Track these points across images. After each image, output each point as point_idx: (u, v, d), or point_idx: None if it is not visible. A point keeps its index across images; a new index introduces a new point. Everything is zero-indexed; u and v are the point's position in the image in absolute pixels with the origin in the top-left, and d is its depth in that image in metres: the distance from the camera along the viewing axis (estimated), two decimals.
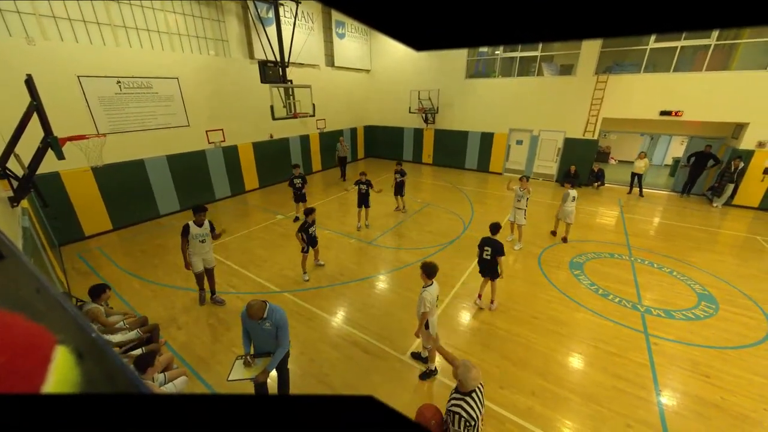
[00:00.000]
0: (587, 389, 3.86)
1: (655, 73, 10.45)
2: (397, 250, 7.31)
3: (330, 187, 12.32)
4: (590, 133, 11.83)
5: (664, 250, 7.24)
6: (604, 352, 4.41)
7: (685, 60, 10.19)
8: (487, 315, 5.17)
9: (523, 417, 3.53)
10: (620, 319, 5.01)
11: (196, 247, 4.95)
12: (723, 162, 10.39)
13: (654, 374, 4.05)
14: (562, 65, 12.58)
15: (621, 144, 17.46)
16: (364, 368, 4.17)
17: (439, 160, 15.64)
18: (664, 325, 4.89)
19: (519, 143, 13.53)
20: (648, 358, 4.29)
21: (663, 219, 9.31)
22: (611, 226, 8.74)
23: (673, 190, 11.92)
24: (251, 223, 8.86)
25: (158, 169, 8.95)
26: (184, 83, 9.00)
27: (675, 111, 10.28)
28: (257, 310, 3.10)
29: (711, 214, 9.69)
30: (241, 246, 7.49)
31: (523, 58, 12.72)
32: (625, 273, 6.33)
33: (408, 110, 14.76)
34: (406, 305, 5.33)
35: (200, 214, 4.84)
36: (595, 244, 7.55)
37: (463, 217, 9.19)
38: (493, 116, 13.51)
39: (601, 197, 11.23)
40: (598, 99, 11.26)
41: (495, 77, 13.35)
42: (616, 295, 5.60)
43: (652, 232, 8.35)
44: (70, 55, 6.95)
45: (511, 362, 4.24)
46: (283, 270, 6.45)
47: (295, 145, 13.10)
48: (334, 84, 14.17)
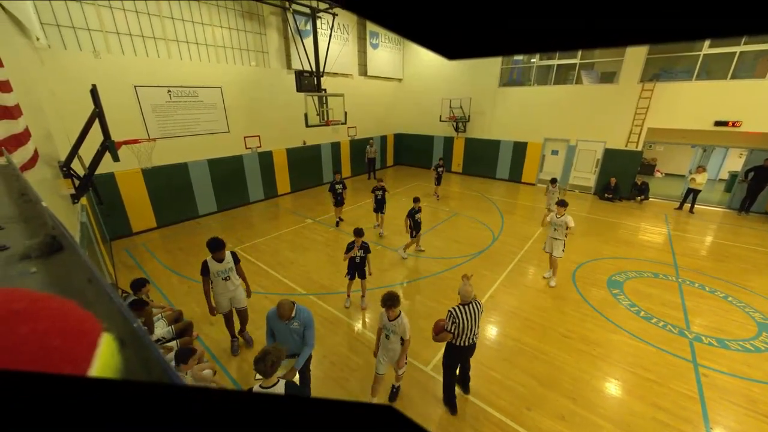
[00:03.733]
0: (623, 417, 3.57)
1: (709, 81, 9.70)
2: (424, 259, 7.23)
3: (358, 192, 12.48)
4: (633, 143, 11.15)
5: (718, 273, 6.60)
6: (643, 378, 4.07)
7: (744, 66, 9.38)
8: (515, 331, 4.95)
9: None
10: (664, 345, 4.61)
11: (220, 286, 4.16)
12: None
13: (704, 408, 3.67)
14: (603, 73, 12.01)
15: (669, 156, 16.26)
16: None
17: (468, 169, 15.39)
18: (716, 356, 4.44)
19: (554, 153, 13.01)
20: (697, 390, 3.90)
21: (717, 238, 8.52)
22: (657, 243, 8.12)
23: (729, 206, 10.89)
24: (281, 225, 9.15)
25: (199, 172, 9.53)
26: (226, 92, 9.57)
27: (732, 121, 9.46)
28: (287, 309, 3.20)
29: None
30: (270, 247, 7.75)
31: (560, 66, 12.30)
32: (671, 295, 5.84)
33: (439, 119, 14.70)
34: (429, 315, 5.24)
35: (218, 251, 4.00)
36: (636, 261, 7.04)
37: (493, 227, 8.94)
38: (527, 125, 13.12)
39: (644, 212, 10.49)
40: (643, 108, 10.61)
41: (530, 85, 13.00)
42: (660, 319, 5.17)
43: (703, 252, 7.66)
44: (128, 66, 7.63)
45: (538, 382, 4.02)
46: (309, 273, 6.58)
47: (327, 151, 13.44)
48: (366, 93, 14.44)
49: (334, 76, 12.48)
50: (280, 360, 2.61)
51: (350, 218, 9.70)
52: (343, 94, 10.68)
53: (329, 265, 6.89)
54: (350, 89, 12.88)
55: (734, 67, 9.31)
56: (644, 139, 11.02)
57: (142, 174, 8.30)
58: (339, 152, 14.03)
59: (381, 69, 14.86)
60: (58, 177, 4.58)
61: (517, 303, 5.62)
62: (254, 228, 9.06)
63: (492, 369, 4.20)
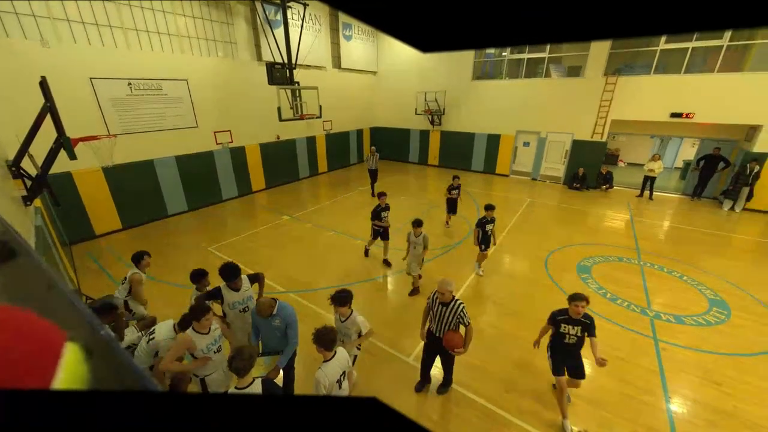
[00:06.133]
0: (594, 394, 3.80)
1: (666, 75, 10.31)
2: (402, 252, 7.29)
3: (336, 187, 12.36)
4: (599, 135, 11.70)
5: (675, 254, 7.12)
6: (611, 356, 4.34)
7: (696, 61, 10.04)
8: (492, 318, 5.13)
9: (529, 421, 3.49)
10: (628, 324, 4.93)
11: (238, 320, 3.64)
12: (735, 165, 10.19)
13: (663, 381, 3.98)
14: (570, 66, 12.47)
15: (630, 146, 17.22)
16: (368, 370, 4.17)
17: (445, 161, 15.60)
18: (673, 331, 4.81)
19: (526, 145, 13.43)
20: (657, 364, 4.21)
21: (673, 223, 9.16)
22: (620, 229, 8.63)
23: (684, 193, 11.71)
24: (258, 223, 8.93)
25: (167, 169, 9.08)
26: (193, 85, 9.13)
27: (686, 113, 10.12)
28: (267, 307, 3.15)
29: (722, 217, 9.50)
30: (247, 246, 7.55)
31: (530, 60, 12.64)
32: (634, 277, 6.24)
33: (414, 112, 14.76)
34: (411, 307, 5.32)
35: (234, 279, 3.45)
36: (603, 247, 7.45)
37: (470, 218, 9.14)
38: (500, 118, 13.44)
39: (609, 200, 11.09)
40: (607, 101, 11.14)
41: (502, 79, 13.29)
42: (624, 300, 5.52)
43: (662, 236, 8.22)
44: (82, 57, 7.09)
45: (516, 366, 4.20)
46: (288, 270, 6.48)
47: (302, 146, 13.18)
48: (340, 86, 14.24)
49: (307, 69, 12.20)
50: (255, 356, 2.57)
51: (327, 213, 9.61)
52: (317, 87, 10.47)
53: (309, 262, 6.81)
54: (324, 82, 12.64)
55: (687, 62, 9.94)
56: (608, 130, 11.58)
57: (103, 173, 7.80)
58: (315, 147, 13.80)
59: (355, 61, 14.67)
60: (7, 178, 4.22)
61: (494, 291, 5.81)
62: (229, 226, 8.78)
63: (474, 357, 4.33)
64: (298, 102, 10.08)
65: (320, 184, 13.09)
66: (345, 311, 3.27)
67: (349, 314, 3.30)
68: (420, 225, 5.28)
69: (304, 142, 13.25)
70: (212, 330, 3.03)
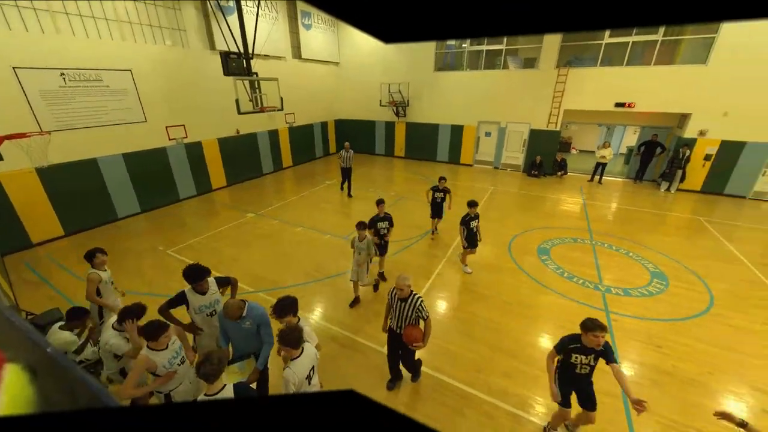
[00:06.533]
0: None
1: (610, 67, 11.07)
2: None
3: (302, 182, 12.07)
4: (553, 124, 12.37)
5: (621, 233, 7.78)
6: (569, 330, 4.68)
7: (636, 54, 10.87)
8: (462, 303, 5.32)
9: (499, 397, 3.69)
10: (583, 299, 5.35)
11: (205, 324, 3.44)
12: (670, 150, 11.27)
13: (615, 348, 4.37)
14: (525, 59, 13.00)
15: (581, 134, 18.43)
16: (342, 363, 4.18)
17: (411, 153, 15.75)
18: (622, 303, 5.28)
19: (488, 135, 13.90)
20: (609, 334, 4.61)
21: (619, 204, 9.99)
22: (575, 212, 9.26)
23: (628, 177, 12.78)
24: (220, 222, 8.51)
25: (114, 168, 8.34)
26: (138, 75, 8.40)
27: (628, 102, 10.97)
28: (235, 309, 3.01)
29: (660, 198, 10.51)
30: (209, 246, 7.19)
31: (489, 52, 13.00)
32: (587, 256, 6.75)
33: (379, 103, 14.69)
34: (381, 298, 5.37)
35: (200, 282, 3.22)
36: (560, 230, 7.96)
37: None
38: (463, 109, 13.77)
39: (564, 186, 11.83)
40: (560, 91, 11.78)
41: (463, 70, 13.58)
42: (579, 277, 5.96)
43: (610, 217, 8.94)
44: (2, 44, 6.26)
45: (486, 347, 4.41)
46: (255, 269, 6.27)
47: (264, 140, 12.68)
48: (302, 77, 13.80)
49: (266, 59, 11.68)
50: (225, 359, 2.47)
51: (294, 208, 9.38)
52: (277, 79, 10.06)
53: (277, 260, 6.63)
54: (284, 73, 12.19)
55: (628, 55, 10.74)
56: (562, 119, 12.29)
57: (37, 174, 7.01)
58: (278, 141, 13.33)
59: (316, 52, 14.26)
60: None
61: (464, 277, 6.02)
62: (188, 227, 8.30)
63: (449, 342, 4.48)
64: (258, 94, 9.63)
65: (285, 179, 12.72)
66: (291, 320, 2.97)
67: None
68: (365, 228, 4.87)
69: (266, 136, 12.75)
70: (171, 344, 2.84)
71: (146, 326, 2.71)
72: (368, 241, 4.92)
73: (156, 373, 2.78)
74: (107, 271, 4.09)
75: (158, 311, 3.30)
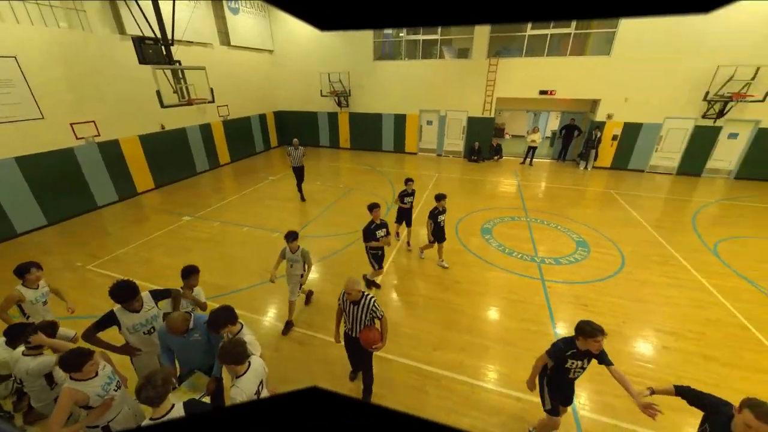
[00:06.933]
0: (502, 335, 4.49)
1: (533, 57, 12.03)
2: (325, 239, 7.21)
3: (243, 179, 11.34)
4: (488, 111, 13.17)
5: (550, 209, 8.66)
6: (513, 301, 5.16)
7: (554, 46, 11.95)
8: (417, 287, 5.52)
9: (455, 371, 3.94)
10: (523, 271, 5.89)
11: (144, 344, 3.11)
12: (585, 132, 12.72)
13: (550, 312, 4.90)
14: (460, 49, 13.55)
15: (513, 120, 19.93)
16: (302, 361, 4.12)
17: (356, 143, 15.65)
18: (554, 271, 5.92)
19: (429, 123, 14.35)
20: (545, 300, 5.16)
21: (548, 183, 11.07)
22: (511, 193, 10.05)
23: (553, 158, 14.19)
24: (150, 228, 7.67)
25: (5, 175, 7.02)
26: (27, 64, 7.08)
27: (550, 90, 12.08)
28: (180, 322, 2.76)
29: (579, 175, 11.87)
30: (140, 257, 6.46)
31: (425, 41, 13.30)
32: (523, 232, 7.40)
33: (320, 93, 14.27)
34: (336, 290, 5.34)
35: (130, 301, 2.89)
36: (499, 210, 8.60)
37: (386, 198, 9.47)
38: (404, 98, 13.98)
39: (501, 169, 12.75)
40: (492, 80, 12.54)
41: (402, 59, 13.73)
42: (518, 252, 6.53)
43: (540, 195, 9.88)
44: None
45: (441, 326, 4.65)
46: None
47: (195, 135, 11.61)
48: (233, 66, 12.81)
49: (189, 46, 10.61)
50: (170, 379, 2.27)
51: (235, 207, 8.82)
52: (205, 68, 9.20)
53: (223, 264, 6.22)
54: (213, 61, 11.22)
55: (548, 46, 11.77)
56: (495, 107, 13.13)
57: None
58: (211, 136, 12.30)
59: (246, 38, 13.30)
60: None
61: (417, 264, 6.24)
62: (112, 237, 7.36)
63: (405, 326, 4.63)
64: (183, 85, 8.73)
65: (224, 176, 11.85)
66: (231, 329, 2.79)
67: (237, 332, 2.82)
68: (296, 238, 4.28)
69: (198, 130, 11.68)
70: (100, 370, 2.51)
71: (65, 357, 2.34)
72: (303, 252, 4.38)
73: (90, 406, 2.44)
74: (41, 288, 3.58)
75: (83, 337, 2.90)
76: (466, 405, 3.59)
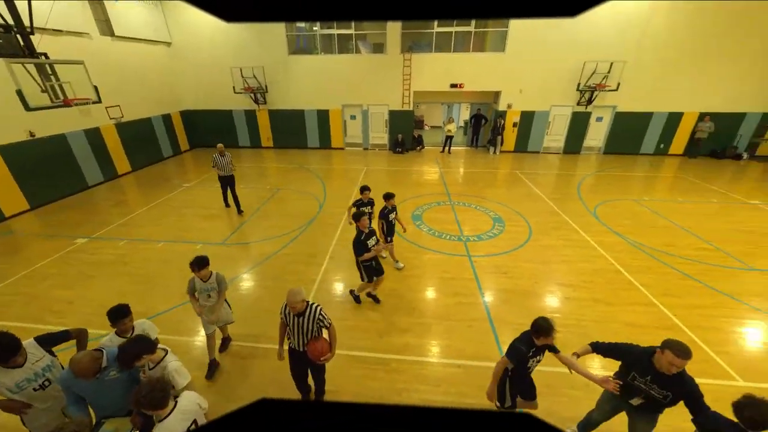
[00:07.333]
0: (440, 311, 4.90)
1: (442, 53, 12.93)
2: (257, 243, 6.86)
3: (151, 189, 10.01)
4: (407, 104, 13.79)
5: (469, 192, 9.56)
6: (446, 279, 5.64)
7: (459, 42, 13.00)
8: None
9: (402, 353, 4.19)
10: (452, 251, 6.45)
11: (37, 400, 2.59)
12: (491, 120, 14.22)
13: (478, 284, 5.50)
14: (375, 43, 13.84)
15: (430, 112, 21.20)
16: (246, 376, 3.93)
17: (280, 141, 14.98)
18: (478, 247, 6.62)
19: (353, 118, 14.44)
20: (473, 274, 5.75)
21: (465, 168, 12.16)
22: (435, 180, 10.79)
23: (467, 145, 15.59)
24: (32, 258, 6.34)
25: None
26: None
27: (459, 83, 13.16)
28: (90, 364, 2.34)
29: (490, 159, 13.29)
30: (21, 294, 5.33)
31: (341, 36, 13.25)
32: (449, 215, 8.06)
33: (233, 90, 13.22)
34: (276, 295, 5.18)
35: (10, 358, 2.40)
36: (426, 197, 9.19)
37: (317, 195, 9.35)
38: (325, 93, 13.80)
39: (423, 158, 13.55)
40: (408, 75, 13.13)
41: (318, 54, 13.47)
42: (446, 233, 7.11)
43: (460, 180, 10.82)
44: None
45: (385, 314, 4.86)
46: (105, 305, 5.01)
47: (80, 142, 9.82)
48: (122, 60, 11.08)
49: (58, 35, 8.85)
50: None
51: (147, 220, 7.80)
52: (83, 62, 7.79)
53: (137, 286, 5.49)
54: (94, 54, 9.58)
55: (454, 43, 12.76)
56: (413, 100, 13.81)
57: None
58: (102, 142, 10.54)
59: (134, 28, 11.58)
60: None
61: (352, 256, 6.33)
62: None
63: (347, 320, 4.73)
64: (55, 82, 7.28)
65: (125, 188, 10.30)
66: (152, 357, 2.50)
67: (160, 360, 2.53)
68: (205, 264, 3.58)
69: (83, 136, 9.89)
70: None
71: None
72: (219, 278, 3.72)
73: None
74: None
75: None
76: (415, 381, 3.86)
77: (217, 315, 3.84)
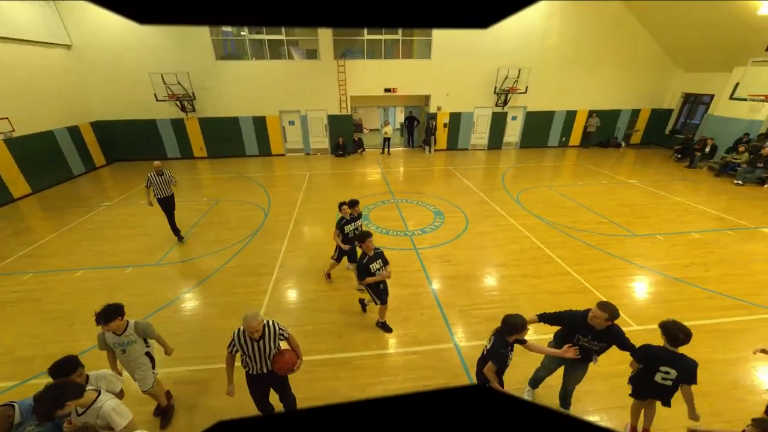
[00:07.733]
0: (395, 304, 5.14)
1: (373, 60, 13.40)
2: (198, 260, 6.49)
3: (60, 212, 8.77)
4: (345, 109, 14.01)
5: (410, 189, 10.12)
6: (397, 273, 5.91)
7: (389, 50, 13.61)
8: (311, 284, 5.70)
9: (362, 349, 4.36)
10: (400, 246, 6.83)
11: None
12: (424, 122, 15.13)
13: (426, 274, 5.92)
14: (308, 50, 13.81)
15: (368, 116, 21.69)
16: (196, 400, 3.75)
17: (214, 151, 14.11)
18: (423, 240, 7.09)
19: (291, 124, 14.22)
20: (421, 266, 6.17)
21: (404, 168, 12.79)
22: (378, 180, 11.18)
23: (404, 145, 16.38)
24: None
25: None
26: None
27: (392, 88, 13.77)
28: None
29: (425, 158, 14.14)
30: None
31: (272, 41, 12.97)
32: (393, 212, 8.47)
33: (155, 98, 12.12)
34: (226, 311, 5.04)
35: None
36: (371, 197, 9.50)
37: (261, 203, 9.10)
38: (260, 99, 13.38)
39: (365, 160, 13.89)
40: (343, 80, 13.35)
41: (248, 59, 13.02)
42: (393, 230, 7.49)
43: (401, 179, 11.37)
44: None
45: (342, 315, 4.99)
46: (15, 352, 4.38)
47: None
48: (7, 64, 9.52)
49: None
50: None
51: (65, 244, 6.87)
52: None
53: (51, 325, 4.83)
54: None
55: (384, 50, 13.31)
56: (350, 104, 14.07)
57: None
58: None
59: (20, 28, 9.99)
60: None
61: (306, 261, 6.37)
62: None
63: (305, 325, 4.76)
64: None
65: (25, 214, 8.89)
66: (84, 401, 2.20)
67: (91, 403, 2.24)
68: (117, 315, 2.98)
69: None
70: None
71: None
72: (139, 327, 3.16)
73: None
74: None
75: None
76: (376, 375, 4.02)
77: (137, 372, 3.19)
